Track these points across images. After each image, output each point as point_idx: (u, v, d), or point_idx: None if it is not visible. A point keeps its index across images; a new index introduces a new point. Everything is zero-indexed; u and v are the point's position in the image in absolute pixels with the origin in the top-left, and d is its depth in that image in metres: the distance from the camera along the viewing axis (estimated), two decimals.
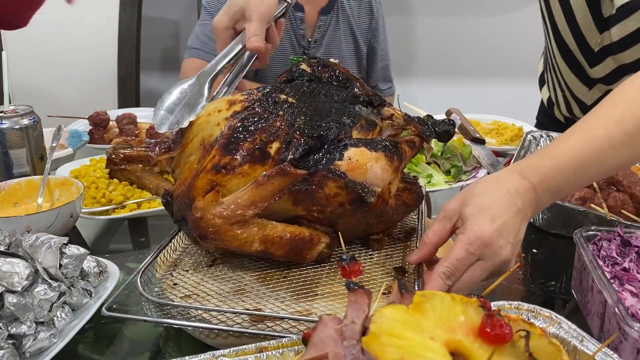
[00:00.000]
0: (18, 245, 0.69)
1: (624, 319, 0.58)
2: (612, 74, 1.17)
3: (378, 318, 0.40)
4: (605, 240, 0.76)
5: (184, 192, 0.70)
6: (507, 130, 1.51)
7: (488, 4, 2.57)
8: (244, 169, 0.68)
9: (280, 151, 0.68)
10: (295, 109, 0.73)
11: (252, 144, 0.68)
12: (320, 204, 0.70)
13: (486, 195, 0.66)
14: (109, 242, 1.00)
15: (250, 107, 0.72)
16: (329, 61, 0.87)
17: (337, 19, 1.73)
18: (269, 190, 0.66)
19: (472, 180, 1.17)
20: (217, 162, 0.68)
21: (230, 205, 0.67)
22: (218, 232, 0.67)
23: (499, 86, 2.55)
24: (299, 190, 0.69)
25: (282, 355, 0.51)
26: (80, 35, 2.27)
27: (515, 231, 0.65)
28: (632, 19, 1.06)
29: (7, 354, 0.59)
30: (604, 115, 0.69)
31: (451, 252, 0.63)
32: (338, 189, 0.69)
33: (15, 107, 1.07)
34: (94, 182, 1.07)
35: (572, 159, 0.67)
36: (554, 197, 0.69)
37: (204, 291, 0.70)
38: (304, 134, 0.70)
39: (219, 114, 0.73)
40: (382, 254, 0.78)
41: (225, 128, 0.70)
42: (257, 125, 0.70)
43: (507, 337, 0.40)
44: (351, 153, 0.70)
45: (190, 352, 0.66)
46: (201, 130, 0.73)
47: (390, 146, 0.73)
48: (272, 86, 0.77)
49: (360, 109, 0.78)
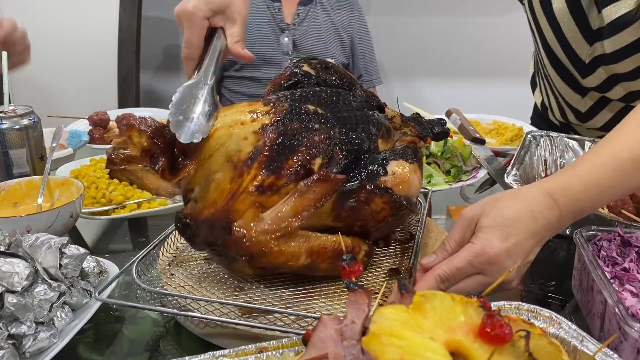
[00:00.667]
0: (18, 245, 0.69)
1: (624, 319, 0.58)
2: (605, 83, 1.17)
3: (378, 318, 0.40)
4: (605, 240, 0.76)
5: (216, 215, 0.66)
6: (507, 130, 1.51)
7: (488, 4, 2.57)
8: (289, 188, 0.65)
9: (322, 167, 0.67)
10: (327, 120, 0.71)
11: (295, 162, 0.66)
12: (365, 220, 0.69)
13: (508, 211, 0.64)
14: (109, 242, 1.00)
15: (282, 120, 0.68)
16: (330, 62, 0.86)
17: (315, 11, 1.77)
18: (311, 198, 0.64)
19: (472, 181, 1.17)
20: (261, 182, 0.65)
21: (274, 219, 0.64)
22: (264, 249, 0.64)
23: (499, 86, 2.55)
24: (342, 207, 0.67)
25: (282, 356, 0.51)
26: (80, 35, 2.27)
27: (527, 254, 0.63)
28: (625, 33, 1.06)
29: (7, 354, 0.59)
30: (627, 136, 0.69)
31: (454, 258, 0.62)
32: (384, 204, 0.68)
33: (15, 107, 1.07)
34: (94, 182, 1.07)
35: (599, 181, 0.66)
36: (575, 218, 0.67)
37: (200, 284, 0.70)
38: (342, 148, 0.69)
39: (244, 126, 0.68)
40: (381, 254, 0.78)
41: (261, 143, 0.66)
42: (297, 141, 0.67)
43: (507, 337, 0.40)
44: (394, 167, 0.69)
45: (190, 352, 0.66)
46: (223, 145, 0.67)
47: (416, 154, 0.73)
48: (291, 95, 0.74)
49: (378, 116, 0.77)
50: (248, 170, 0.66)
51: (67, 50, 2.27)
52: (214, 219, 0.66)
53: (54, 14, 2.27)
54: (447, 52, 2.68)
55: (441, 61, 2.70)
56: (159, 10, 2.51)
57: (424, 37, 2.67)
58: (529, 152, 1.11)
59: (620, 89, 1.14)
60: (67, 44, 2.27)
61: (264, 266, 0.67)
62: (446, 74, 2.70)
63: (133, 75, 2.29)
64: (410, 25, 2.66)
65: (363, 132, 0.72)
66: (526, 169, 1.07)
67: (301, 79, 0.81)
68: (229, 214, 0.65)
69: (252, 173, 0.65)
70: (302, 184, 0.65)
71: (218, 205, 0.66)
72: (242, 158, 0.66)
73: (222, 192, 0.66)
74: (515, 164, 1.04)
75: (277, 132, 0.67)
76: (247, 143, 0.67)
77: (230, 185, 0.66)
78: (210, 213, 0.66)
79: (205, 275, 0.73)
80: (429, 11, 2.65)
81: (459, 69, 2.68)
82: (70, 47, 2.27)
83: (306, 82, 0.81)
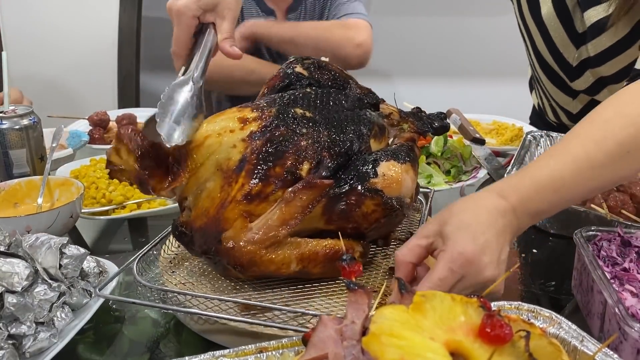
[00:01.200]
0: (18, 245, 0.69)
1: (624, 319, 0.58)
2: (593, 85, 1.17)
3: (378, 318, 0.40)
4: (605, 241, 0.76)
5: (208, 224, 0.66)
6: (507, 130, 1.51)
7: (488, 4, 2.57)
8: (277, 195, 0.65)
9: (310, 172, 0.66)
10: (315, 123, 0.70)
11: (283, 168, 0.66)
12: (357, 222, 0.68)
13: (465, 214, 0.63)
14: (109, 242, 1.00)
15: (269, 127, 0.68)
16: (323, 61, 0.86)
17: (304, 18, 1.76)
18: (298, 205, 0.64)
19: (472, 180, 1.17)
20: (248, 191, 0.65)
21: (261, 228, 0.64)
22: (253, 258, 0.64)
23: (499, 86, 2.55)
24: (333, 210, 0.67)
25: (282, 356, 0.51)
26: (80, 35, 2.27)
27: (499, 251, 0.62)
28: (604, 37, 1.06)
29: (7, 354, 0.59)
30: (583, 136, 0.68)
31: (433, 271, 0.61)
32: (375, 206, 0.68)
33: (15, 107, 1.07)
34: (94, 182, 1.07)
35: (552, 180, 0.65)
36: (534, 219, 0.67)
37: (201, 282, 0.70)
38: (330, 151, 0.68)
39: (232, 134, 0.68)
40: (381, 254, 0.78)
41: (248, 151, 0.66)
42: (284, 147, 0.67)
43: (507, 337, 0.40)
44: (384, 169, 0.68)
45: (190, 352, 0.66)
46: (213, 153, 0.67)
47: (410, 153, 0.73)
48: (280, 98, 0.73)
49: (370, 115, 0.77)
50: (236, 178, 0.66)
51: (67, 50, 2.27)
52: (206, 227, 0.66)
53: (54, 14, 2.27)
54: (447, 52, 2.68)
55: (441, 61, 2.70)
56: (159, 10, 2.51)
57: (424, 37, 2.67)
58: (529, 152, 1.11)
59: (607, 92, 1.15)
60: (67, 43, 2.27)
61: (255, 275, 0.67)
62: (446, 74, 2.70)
63: (133, 75, 2.29)
64: (410, 25, 2.66)
65: (353, 133, 0.71)
66: None
67: (293, 81, 0.80)
68: (220, 223, 0.65)
69: (239, 182, 0.66)
70: (288, 192, 0.65)
71: (210, 214, 0.66)
72: (231, 166, 0.66)
73: (213, 200, 0.67)
74: (515, 164, 1.04)
75: (264, 139, 0.67)
76: (236, 151, 0.67)
77: (220, 194, 0.66)
78: (203, 222, 0.67)
79: (206, 272, 0.74)
80: (429, 11, 2.65)
81: (459, 69, 2.68)
82: (70, 47, 2.27)
83: (299, 83, 0.80)
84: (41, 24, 2.24)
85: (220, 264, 0.68)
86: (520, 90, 1.73)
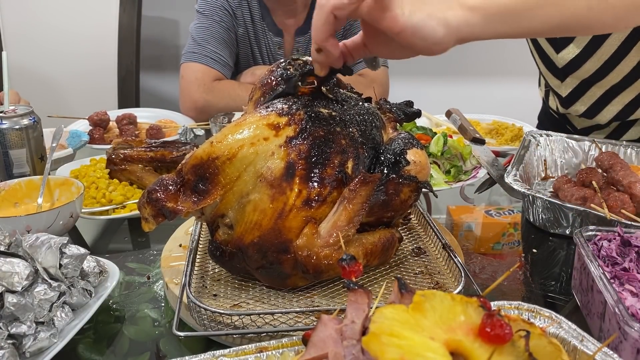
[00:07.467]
0: (18, 245, 0.69)
1: (624, 319, 0.58)
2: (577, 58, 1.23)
3: (378, 318, 0.40)
4: (605, 240, 0.76)
5: (264, 237, 0.65)
6: (507, 131, 1.51)
7: None
8: (333, 196, 0.66)
9: (354, 168, 0.68)
10: (342, 121, 0.71)
11: (333, 169, 0.66)
12: (395, 209, 0.72)
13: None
14: (109, 242, 1.00)
15: (306, 129, 0.67)
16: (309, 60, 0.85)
17: None
18: (358, 203, 0.65)
19: (472, 180, 1.17)
20: (307, 196, 0.65)
21: (332, 231, 0.65)
22: (330, 262, 0.65)
23: (499, 86, 2.55)
24: (375, 202, 0.69)
25: (282, 355, 0.51)
26: (80, 35, 2.27)
27: None
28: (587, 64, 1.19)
29: (7, 354, 0.59)
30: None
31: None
32: (411, 192, 0.72)
33: (15, 107, 1.07)
34: (94, 182, 1.07)
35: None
36: (466, 13, 0.69)
37: (249, 297, 0.69)
38: (364, 146, 0.71)
39: (268, 142, 0.65)
40: None
41: (293, 157, 0.65)
42: (329, 148, 0.67)
43: (507, 337, 0.40)
44: (412, 156, 0.73)
45: (191, 352, 0.66)
46: (250, 164, 0.65)
47: (416, 139, 0.77)
48: (297, 100, 0.72)
49: (373, 108, 0.80)
50: (290, 186, 0.64)
51: (67, 50, 2.27)
52: (262, 241, 0.65)
53: (54, 14, 2.27)
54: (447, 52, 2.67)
55: (441, 61, 2.68)
56: (159, 10, 2.51)
57: None
58: (528, 152, 1.11)
59: None
60: (67, 44, 2.27)
61: (326, 278, 0.68)
62: (446, 74, 2.70)
63: (133, 75, 2.29)
64: None
65: (373, 128, 0.74)
66: (526, 168, 1.07)
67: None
68: (281, 234, 0.64)
69: (294, 189, 0.64)
70: (347, 191, 0.65)
71: (264, 226, 0.65)
72: (277, 175, 0.64)
73: (264, 212, 0.64)
74: (515, 164, 1.04)
75: (308, 143, 0.66)
76: (277, 158, 0.65)
77: (272, 204, 0.64)
78: (255, 236, 0.65)
79: (236, 283, 0.72)
80: None
81: (459, 69, 2.68)
82: (70, 47, 2.27)
83: None
84: (41, 24, 2.24)
85: (280, 275, 0.67)
86: (520, 90, 1.74)
